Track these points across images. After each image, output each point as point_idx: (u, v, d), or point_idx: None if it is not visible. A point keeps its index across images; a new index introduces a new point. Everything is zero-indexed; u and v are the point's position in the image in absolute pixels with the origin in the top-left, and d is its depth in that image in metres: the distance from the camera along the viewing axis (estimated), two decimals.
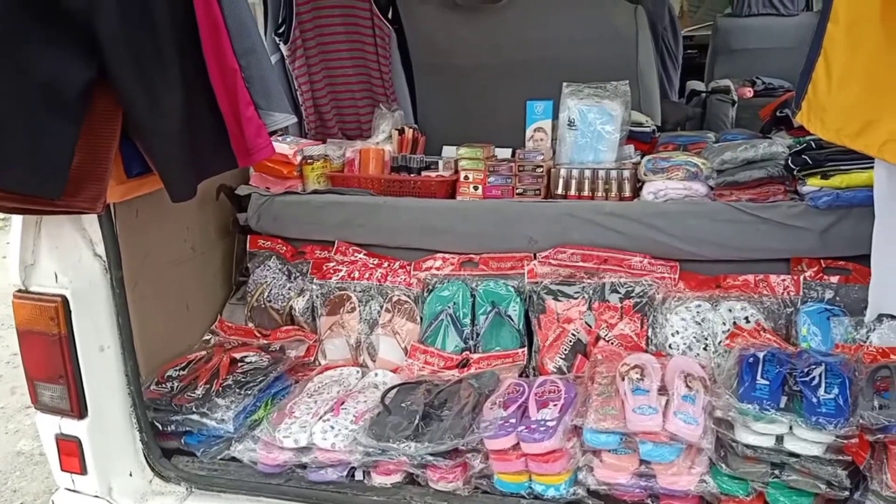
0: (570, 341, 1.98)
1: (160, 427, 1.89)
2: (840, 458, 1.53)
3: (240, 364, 2.05)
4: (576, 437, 1.68)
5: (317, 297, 2.22)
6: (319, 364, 2.17)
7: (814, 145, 1.86)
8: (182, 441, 1.92)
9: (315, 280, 2.24)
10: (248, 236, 2.35)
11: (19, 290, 1.76)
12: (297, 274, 2.31)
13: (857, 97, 1.39)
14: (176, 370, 2.04)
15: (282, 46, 2.50)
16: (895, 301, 1.58)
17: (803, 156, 1.86)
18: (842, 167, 1.79)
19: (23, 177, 1.47)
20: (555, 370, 1.96)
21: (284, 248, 2.34)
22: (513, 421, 1.72)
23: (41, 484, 3.05)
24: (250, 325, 2.28)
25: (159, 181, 1.75)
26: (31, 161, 1.46)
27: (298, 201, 2.30)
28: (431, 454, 1.69)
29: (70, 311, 1.72)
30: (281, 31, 2.51)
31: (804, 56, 3.57)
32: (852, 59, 1.37)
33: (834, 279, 1.88)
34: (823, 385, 1.61)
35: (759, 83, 4.56)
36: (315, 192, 2.32)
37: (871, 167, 1.61)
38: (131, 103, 1.58)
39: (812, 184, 1.83)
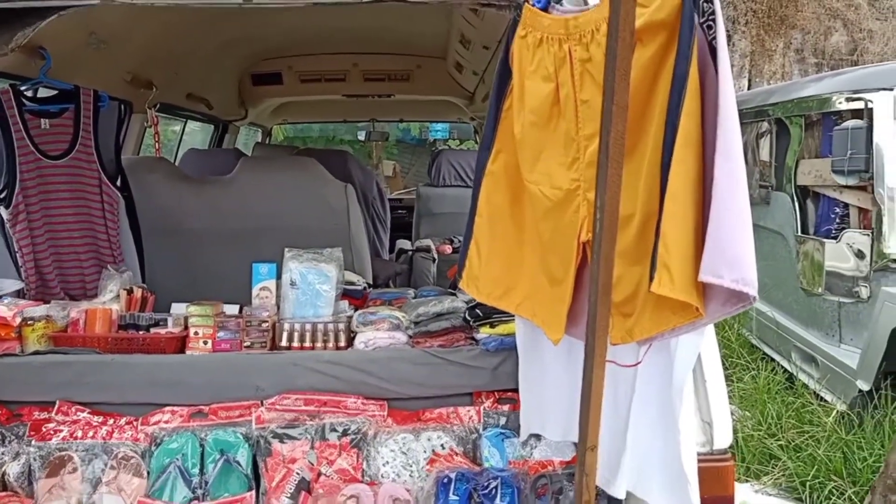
0: (295, 480, 2.17)
1: None
2: None
3: None
4: None
5: (34, 459, 2.17)
6: None
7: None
8: None
9: (33, 442, 2.19)
10: None
11: None
12: (12, 437, 2.23)
13: (498, 271, 1.89)
14: None
15: (2, 211, 2.53)
16: (538, 422, 2.05)
17: (476, 310, 2.35)
18: (504, 319, 2.28)
19: None
20: None
21: None
22: None
23: None
24: None
25: None
26: None
27: (17, 363, 2.27)
28: None
29: None
30: (2, 196, 2.54)
31: None
32: (493, 243, 1.88)
33: (505, 407, 2.31)
34: (499, 495, 2.00)
35: (457, 241, 5.35)
36: (36, 352, 2.31)
37: None
38: None
39: (484, 332, 2.31)
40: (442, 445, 2.25)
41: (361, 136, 7.46)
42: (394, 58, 4.72)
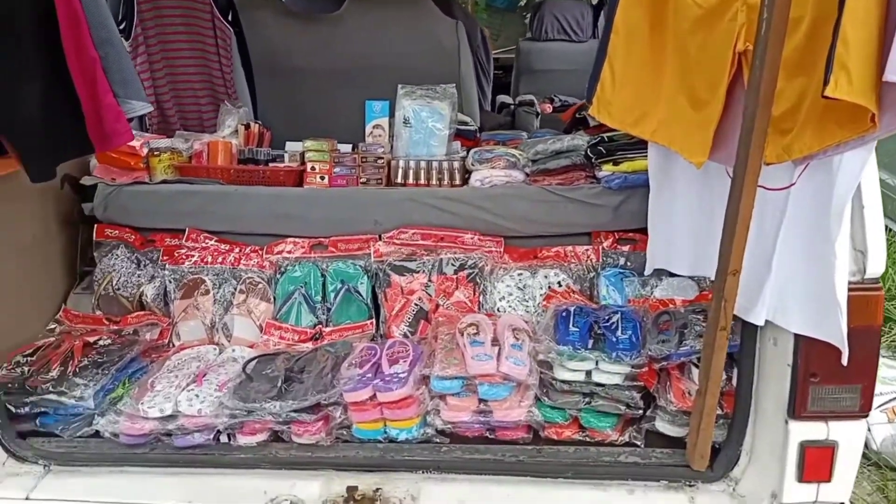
0: (414, 310, 2.23)
1: (12, 409, 1.89)
2: (635, 384, 1.90)
3: (94, 347, 2.08)
4: (424, 386, 1.92)
5: (169, 281, 2.29)
6: (173, 345, 2.23)
7: (606, 139, 2.26)
8: (37, 422, 1.93)
9: (167, 266, 2.30)
10: (95, 226, 2.35)
11: None
12: (147, 262, 2.35)
13: (632, 94, 1.77)
14: (24, 356, 2.03)
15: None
16: (664, 257, 1.99)
17: (599, 147, 2.25)
18: (628, 155, 2.19)
19: None
20: (400, 335, 2.19)
21: (133, 236, 2.37)
22: (369, 376, 1.93)
23: None
24: (98, 313, 2.29)
25: (14, 163, 1.79)
26: None
27: (148, 191, 2.35)
28: (295, 410, 1.86)
29: None
30: (121, 27, 2.54)
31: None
32: (628, 64, 1.75)
33: (625, 248, 2.26)
34: (620, 328, 1.98)
35: (557, 100, 5.15)
36: (165, 181, 2.38)
37: None
38: None
39: (606, 169, 2.22)
40: (559, 283, 2.23)
41: None
42: None
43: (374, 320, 2.24)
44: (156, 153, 2.39)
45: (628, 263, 2.25)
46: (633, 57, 1.75)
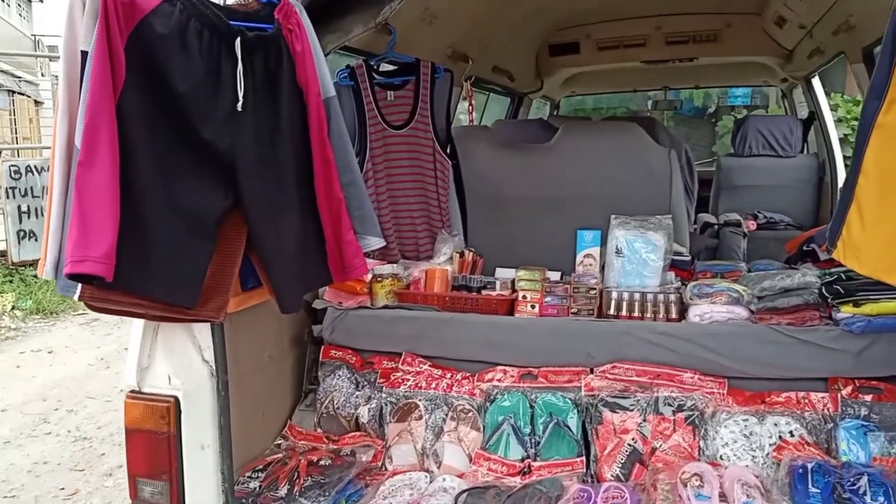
0: (627, 451, 2.13)
1: None
2: None
3: (316, 466, 2.18)
4: None
5: (385, 404, 2.37)
6: (386, 469, 2.28)
7: (843, 276, 2.10)
8: None
9: (384, 388, 2.39)
10: (322, 347, 2.52)
11: (133, 391, 1.92)
12: (365, 383, 2.46)
13: (888, 238, 1.63)
14: (255, 471, 2.17)
15: None
16: None
17: (835, 286, 2.09)
18: (871, 296, 2.01)
19: (168, 289, 1.68)
20: (612, 478, 2.10)
21: (354, 358, 2.50)
22: None
23: None
24: (319, 430, 2.41)
25: (266, 294, 1.97)
26: (174, 275, 1.68)
27: (371, 315, 2.49)
28: None
29: (180, 412, 1.88)
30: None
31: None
32: (882, 208, 1.63)
33: (868, 397, 2.05)
34: (869, 493, 1.77)
35: (761, 217, 4.93)
36: (386, 307, 2.52)
37: None
38: (258, 228, 1.82)
39: (846, 311, 2.05)
40: (791, 432, 2.05)
41: (648, 104, 7.17)
42: (701, 17, 4.41)
43: (584, 458, 2.17)
44: (379, 279, 2.55)
45: (872, 415, 2.02)
46: (887, 200, 1.63)
